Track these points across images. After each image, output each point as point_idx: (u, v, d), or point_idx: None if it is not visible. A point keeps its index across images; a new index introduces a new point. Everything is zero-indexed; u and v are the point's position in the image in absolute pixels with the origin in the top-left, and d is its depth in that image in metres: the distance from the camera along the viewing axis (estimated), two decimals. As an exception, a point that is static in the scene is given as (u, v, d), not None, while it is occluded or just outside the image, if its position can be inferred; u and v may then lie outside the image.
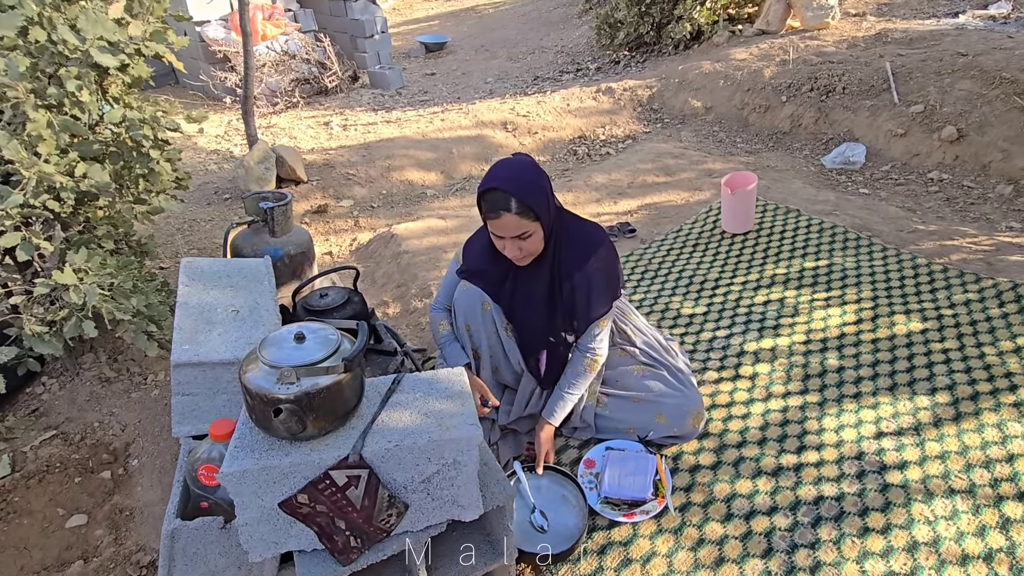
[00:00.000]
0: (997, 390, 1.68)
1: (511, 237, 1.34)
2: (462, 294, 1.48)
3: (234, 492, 0.91)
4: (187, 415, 1.16)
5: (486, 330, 1.48)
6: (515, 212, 1.30)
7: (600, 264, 1.44)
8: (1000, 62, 3.35)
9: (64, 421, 1.75)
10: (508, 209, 1.30)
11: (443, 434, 0.98)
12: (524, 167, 1.35)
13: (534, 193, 1.31)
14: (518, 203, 1.30)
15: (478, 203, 1.36)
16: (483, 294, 1.47)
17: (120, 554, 1.40)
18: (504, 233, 1.34)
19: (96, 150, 1.46)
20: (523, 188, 1.30)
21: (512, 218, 1.31)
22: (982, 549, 1.28)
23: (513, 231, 1.33)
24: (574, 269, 1.44)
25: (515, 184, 1.30)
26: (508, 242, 1.36)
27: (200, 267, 1.36)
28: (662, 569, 1.33)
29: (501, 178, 1.31)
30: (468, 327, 1.49)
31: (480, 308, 1.47)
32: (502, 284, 1.48)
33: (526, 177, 1.32)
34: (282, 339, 0.94)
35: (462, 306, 1.48)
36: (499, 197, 1.30)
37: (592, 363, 1.52)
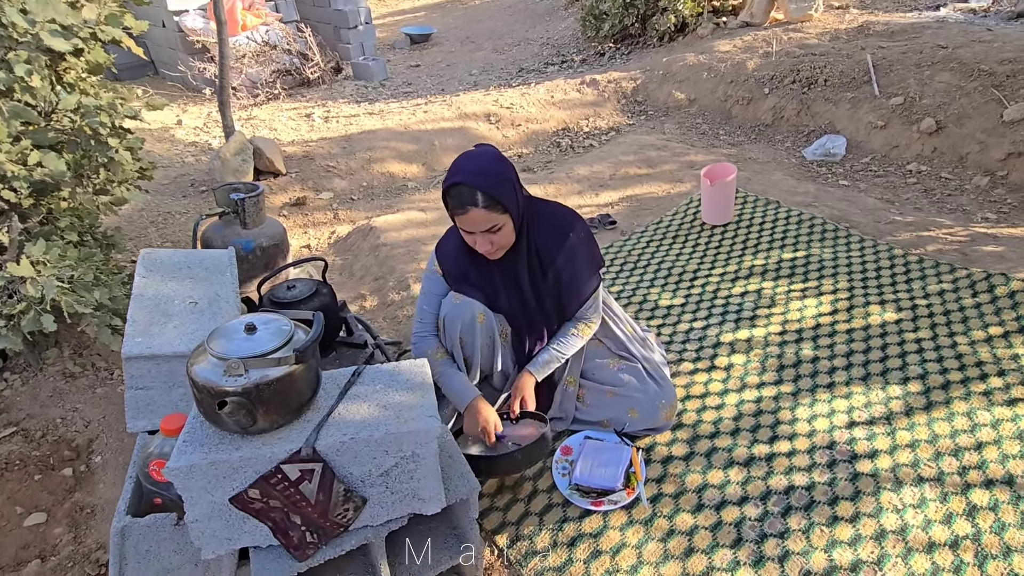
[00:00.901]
0: (968, 379, 1.69)
1: (481, 232, 1.31)
2: (455, 308, 1.42)
3: (182, 487, 0.88)
4: (142, 410, 1.13)
5: (481, 341, 1.45)
6: (482, 206, 1.27)
7: (578, 240, 1.42)
8: (979, 55, 3.36)
9: (25, 417, 1.71)
10: (475, 204, 1.27)
11: (401, 427, 0.96)
12: (489, 159, 1.32)
13: (500, 185, 1.28)
14: (484, 196, 1.26)
15: (444, 200, 1.32)
16: (479, 306, 1.41)
17: (79, 552, 1.36)
18: (473, 228, 1.31)
19: (51, 138, 1.41)
20: (489, 181, 1.27)
21: (480, 212, 1.27)
22: (948, 537, 1.29)
23: (482, 225, 1.30)
24: (554, 252, 1.41)
25: (480, 177, 1.27)
26: (478, 237, 1.33)
27: (159, 258, 1.32)
28: (631, 560, 1.32)
29: (466, 171, 1.28)
30: (463, 340, 1.46)
31: (476, 322, 1.43)
32: (491, 283, 1.44)
33: (491, 169, 1.29)
34: (232, 330, 0.92)
35: (456, 320, 1.43)
36: (465, 192, 1.27)
37: (584, 328, 1.52)
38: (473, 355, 1.45)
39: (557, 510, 1.45)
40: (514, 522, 1.45)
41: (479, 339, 1.42)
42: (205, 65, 5.19)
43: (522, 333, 1.50)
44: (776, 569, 1.27)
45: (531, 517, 1.45)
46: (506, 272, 1.43)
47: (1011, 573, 1.21)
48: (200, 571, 1.06)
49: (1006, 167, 2.93)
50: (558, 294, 1.47)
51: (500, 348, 1.48)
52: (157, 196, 3.44)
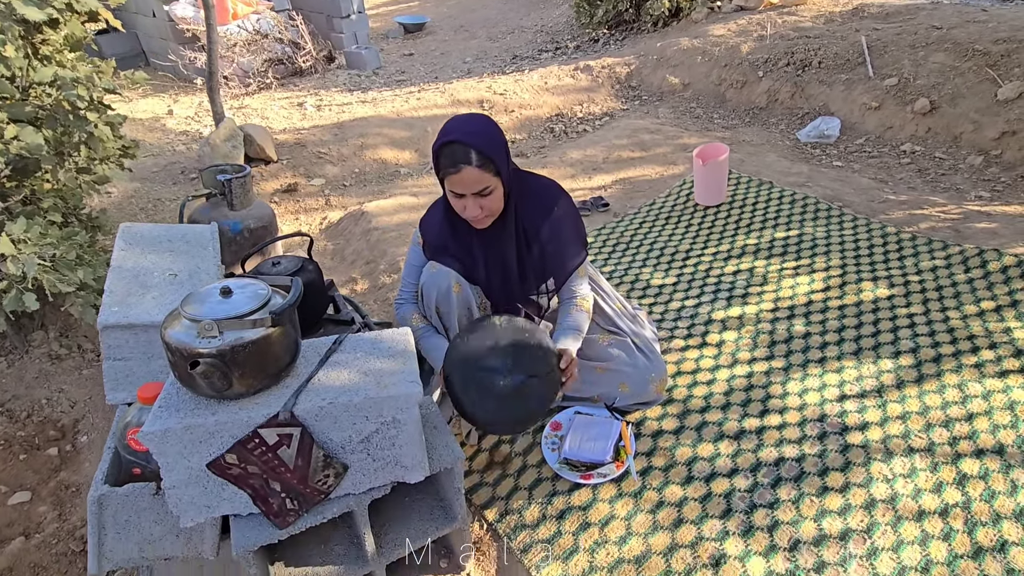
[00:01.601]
0: (959, 352, 1.68)
1: (472, 194, 1.29)
2: (431, 277, 1.41)
3: (157, 452, 0.87)
4: (120, 381, 1.11)
5: (457, 312, 1.43)
6: (476, 165, 1.25)
7: (564, 213, 1.41)
8: (973, 35, 3.34)
9: (11, 399, 1.69)
10: (468, 162, 1.24)
11: (381, 391, 0.94)
12: (481, 121, 1.30)
13: (494, 145, 1.27)
14: (479, 155, 1.24)
15: (435, 161, 1.30)
16: (454, 275, 1.40)
17: (63, 530, 1.35)
18: (464, 189, 1.28)
19: (28, 112, 1.39)
20: (483, 140, 1.25)
21: (473, 171, 1.25)
22: (938, 505, 1.28)
23: (474, 186, 1.27)
24: (540, 224, 1.39)
25: (475, 136, 1.25)
26: (469, 200, 1.30)
27: (139, 232, 1.30)
28: (620, 531, 1.31)
29: (460, 131, 1.26)
30: (439, 309, 1.44)
31: (452, 292, 1.40)
32: (470, 254, 1.42)
33: (485, 130, 1.28)
34: (207, 294, 0.90)
35: (432, 289, 1.41)
36: (458, 150, 1.25)
37: (581, 302, 1.47)
38: (451, 326, 1.43)
39: (546, 484, 1.44)
40: (503, 496, 1.44)
41: (455, 309, 1.40)
42: (196, 54, 5.15)
43: (499, 309, 1.48)
44: (765, 539, 1.26)
45: (520, 491, 1.44)
46: (489, 244, 1.41)
47: (1000, 539, 1.20)
48: (181, 542, 1.05)
49: (1000, 146, 2.91)
50: (543, 269, 1.45)
51: None
52: (147, 183, 3.41)
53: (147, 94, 5.12)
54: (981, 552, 1.18)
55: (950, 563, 1.18)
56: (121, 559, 1.02)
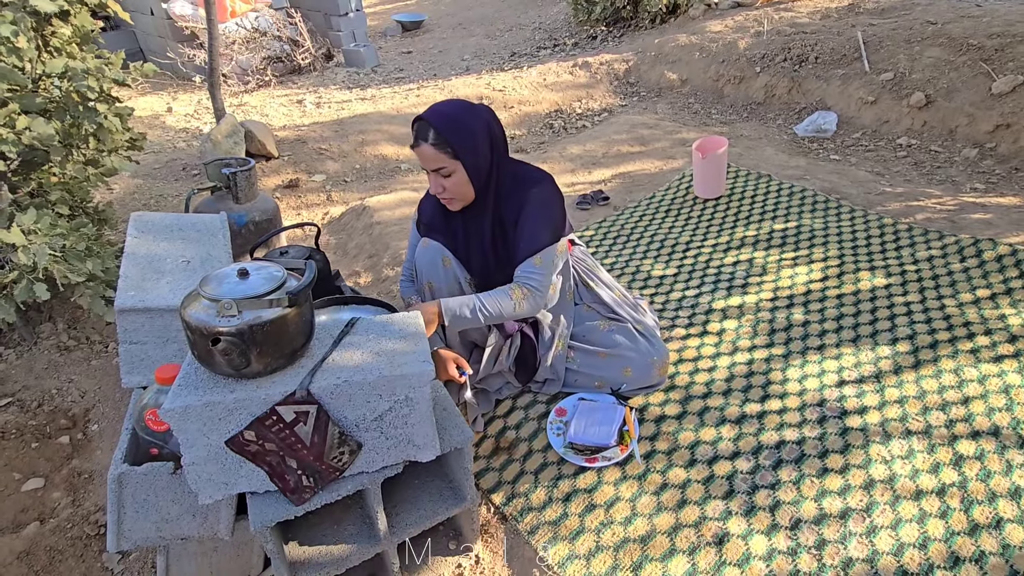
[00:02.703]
0: (956, 338, 1.71)
1: (432, 171, 1.35)
2: (423, 252, 1.47)
3: (178, 429, 0.89)
4: (136, 365, 1.14)
5: (448, 286, 1.46)
6: (431, 143, 1.31)
7: (538, 195, 1.39)
8: (968, 29, 3.38)
9: (21, 389, 1.71)
10: (425, 139, 1.32)
11: (394, 370, 0.97)
12: (462, 107, 1.35)
13: (457, 131, 1.30)
14: (436, 134, 1.30)
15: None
16: (442, 250, 1.45)
17: (78, 515, 1.37)
18: (424, 164, 1.36)
19: (39, 104, 1.41)
20: (446, 123, 1.30)
21: (428, 149, 1.32)
22: (935, 485, 1.31)
23: (431, 163, 1.34)
24: (515, 208, 1.42)
25: (439, 117, 1.31)
26: (431, 176, 1.37)
27: (150, 220, 1.32)
28: (625, 512, 1.34)
29: (432, 110, 1.33)
30: (430, 284, 1.47)
31: (441, 264, 1.45)
32: (455, 234, 1.47)
33: (455, 114, 1.32)
34: (225, 275, 0.92)
35: (423, 263, 1.47)
36: (420, 127, 1.33)
37: (519, 291, 1.38)
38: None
39: (552, 468, 1.47)
40: (510, 481, 1.47)
41: (444, 283, 1.45)
42: (194, 52, 5.16)
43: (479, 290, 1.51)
44: (767, 518, 1.29)
45: (526, 475, 1.47)
46: (469, 226, 1.46)
47: (996, 517, 1.23)
48: (198, 522, 1.07)
49: (995, 138, 2.95)
50: (513, 252, 1.44)
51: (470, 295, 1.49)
52: (149, 180, 3.42)
53: (146, 92, 5.13)
54: (977, 529, 1.21)
55: (947, 540, 1.21)
56: (139, 538, 1.04)
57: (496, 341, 1.58)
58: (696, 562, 1.23)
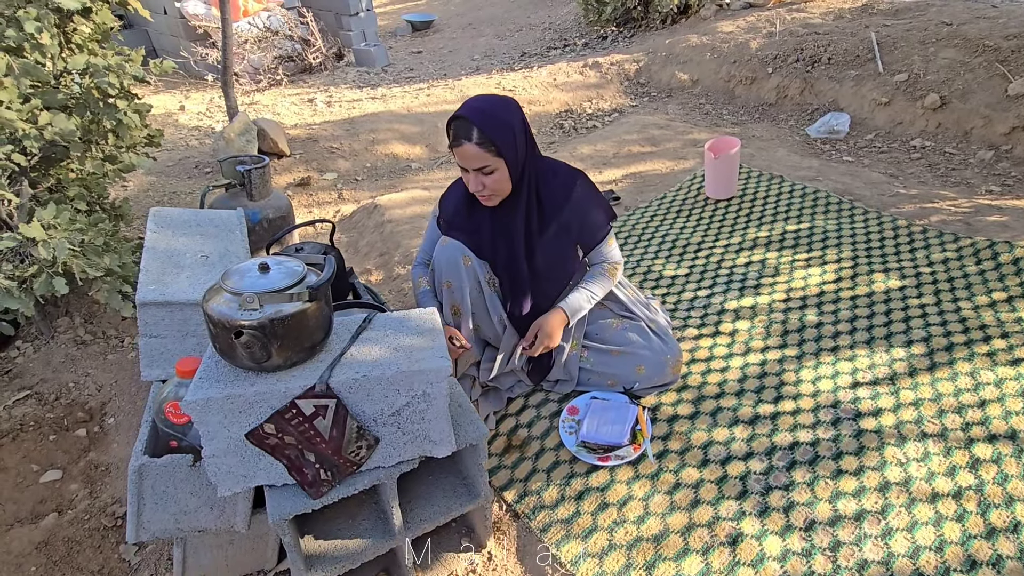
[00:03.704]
0: (971, 341, 1.69)
1: (473, 170, 1.34)
2: (442, 251, 1.46)
3: (199, 421, 0.90)
4: (156, 358, 1.15)
5: (468, 285, 1.46)
6: (475, 142, 1.30)
7: (583, 191, 1.47)
8: (984, 31, 3.35)
9: (38, 382, 1.73)
10: (469, 139, 1.30)
11: (412, 366, 0.97)
12: (496, 102, 1.34)
13: (498, 127, 1.30)
14: (479, 133, 1.29)
15: (447, 134, 1.37)
16: (463, 248, 1.44)
17: (95, 506, 1.39)
18: (466, 164, 1.34)
19: (61, 100, 1.42)
20: (487, 120, 1.30)
21: (472, 148, 1.30)
22: (951, 487, 1.30)
23: (474, 162, 1.33)
24: (561, 203, 1.44)
25: (480, 115, 1.30)
26: (472, 176, 1.36)
27: (169, 215, 1.33)
28: (638, 511, 1.34)
29: (469, 108, 1.32)
30: (449, 283, 1.47)
31: (461, 263, 1.45)
32: (479, 231, 1.46)
33: (493, 110, 1.32)
34: (246, 269, 0.93)
35: (442, 262, 1.46)
36: (462, 126, 1.31)
37: (612, 269, 1.55)
38: (463, 301, 1.46)
39: (564, 466, 1.47)
40: (522, 479, 1.47)
41: (466, 283, 1.44)
42: (207, 51, 5.20)
43: (504, 287, 1.51)
44: (781, 519, 1.29)
45: (539, 474, 1.47)
46: (498, 222, 1.46)
47: (1014, 521, 1.22)
48: (215, 514, 1.08)
49: (1011, 140, 2.92)
50: (554, 250, 1.48)
51: (490, 297, 1.49)
52: (162, 177, 3.45)
53: (159, 90, 5.17)
54: (995, 533, 1.20)
55: (964, 543, 1.20)
56: (158, 529, 1.05)
57: (510, 340, 1.58)
58: (710, 562, 1.22)
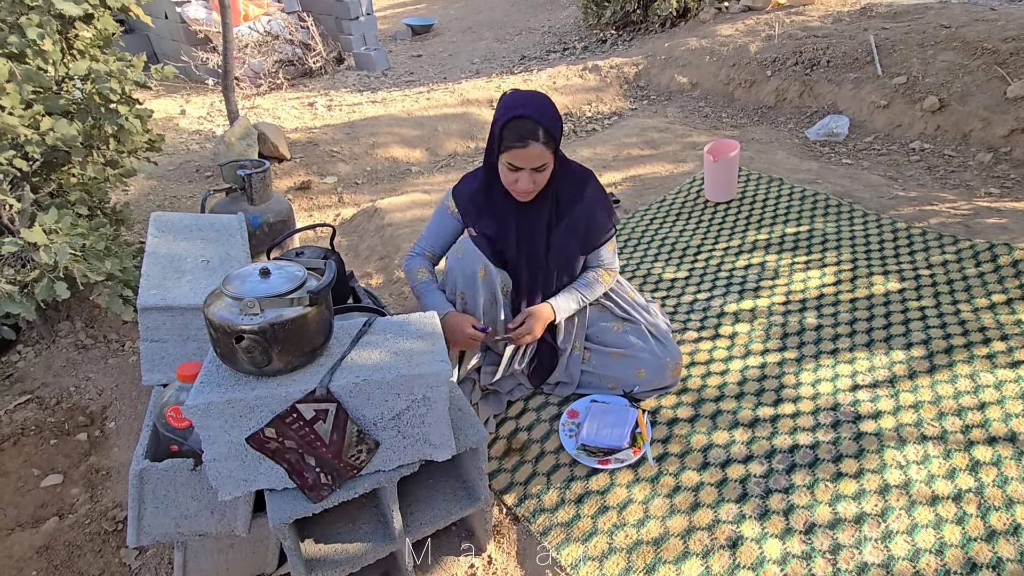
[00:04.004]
0: (971, 343, 1.70)
1: (530, 169, 1.31)
2: (458, 262, 1.44)
3: (200, 425, 0.90)
4: (157, 363, 1.15)
5: (483, 297, 1.46)
6: (542, 141, 1.28)
7: (595, 191, 1.49)
8: (982, 33, 3.36)
9: (40, 386, 1.73)
10: (536, 138, 1.27)
11: (412, 369, 0.98)
12: (541, 98, 1.33)
13: (554, 123, 1.31)
14: (545, 132, 1.28)
15: (499, 134, 1.31)
16: (481, 258, 1.42)
17: (96, 511, 1.39)
18: (526, 164, 1.30)
19: (62, 105, 1.43)
20: (548, 117, 1.29)
21: (539, 148, 1.28)
22: (951, 490, 1.30)
23: (535, 161, 1.30)
24: (574, 201, 1.45)
25: (541, 113, 1.28)
26: (524, 175, 1.32)
27: (170, 220, 1.34)
28: (638, 515, 1.34)
29: (528, 106, 1.28)
30: (464, 295, 1.47)
31: (478, 276, 1.43)
32: (503, 224, 1.45)
33: (549, 107, 1.32)
34: (247, 274, 0.94)
35: (458, 274, 1.44)
36: (528, 125, 1.27)
37: (604, 274, 1.56)
38: (475, 311, 1.47)
39: (564, 470, 1.47)
40: (522, 482, 1.47)
41: (480, 295, 1.44)
42: (208, 55, 5.22)
43: (520, 285, 1.52)
44: (781, 522, 1.29)
45: (539, 477, 1.47)
46: (524, 216, 1.45)
47: (1014, 523, 1.22)
48: (216, 518, 1.09)
49: (1010, 143, 2.93)
50: (565, 245, 1.49)
51: (502, 305, 1.50)
52: (163, 181, 3.46)
53: (160, 94, 5.19)
54: (995, 535, 1.21)
55: (964, 546, 1.20)
56: (159, 533, 1.05)
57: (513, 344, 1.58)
58: (710, 565, 1.22)
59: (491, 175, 1.41)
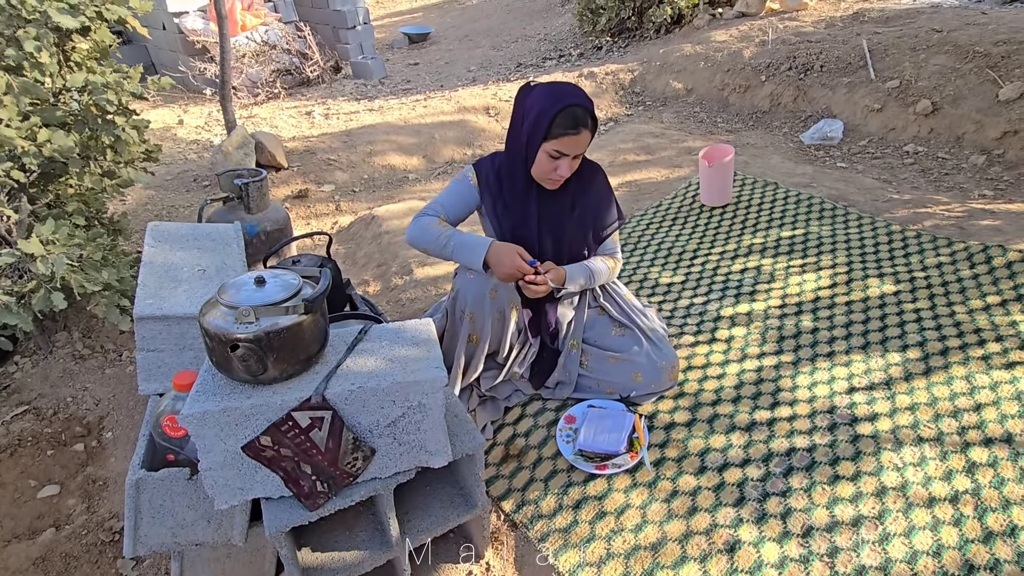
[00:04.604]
0: (966, 345, 1.70)
1: (573, 156, 1.36)
2: (468, 284, 1.44)
3: (196, 435, 0.90)
4: (153, 372, 1.15)
5: (491, 317, 1.47)
6: (590, 129, 1.33)
7: (603, 183, 1.55)
8: (974, 37, 3.39)
9: (36, 397, 1.73)
10: (586, 125, 1.32)
11: (407, 376, 0.98)
12: (576, 87, 1.37)
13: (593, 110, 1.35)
14: (592, 120, 1.33)
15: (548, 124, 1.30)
16: (490, 280, 1.42)
17: (93, 521, 1.39)
18: (574, 150, 1.34)
19: (59, 117, 1.44)
20: (591, 103, 1.34)
21: (587, 135, 1.34)
22: (948, 492, 1.31)
23: (582, 148, 1.35)
24: (585, 188, 1.50)
25: (585, 99, 1.33)
26: (565, 161, 1.36)
27: (166, 230, 1.35)
28: (636, 520, 1.34)
29: (573, 95, 1.32)
30: (472, 315, 1.47)
31: (487, 297, 1.44)
32: (525, 210, 1.47)
33: (585, 93, 1.36)
34: (242, 283, 0.94)
35: (469, 296, 1.45)
36: (579, 113, 1.30)
37: (610, 261, 1.62)
38: (483, 330, 1.48)
39: (562, 475, 1.47)
40: (520, 488, 1.47)
41: (488, 314, 1.46)
42: (205, 65, 5.24)
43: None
44: (779, 525, 1.29)
45: (536, 483, 1.47)
46: (545, 203, 1.48)
47: (1010, 524, 1.22)
48: (212, 528, 1.08)
49: (1002, 145, 2.95)
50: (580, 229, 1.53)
51: (509, 322, 1.51)
52: (161, 191, 3.47)
53: (158, 104, 5.21)
54: (992, 537, 1.21)
55: (961, 547, 1.20)
56: (155, 543, 1.05)
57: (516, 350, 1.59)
58: (708, 569, 1.22)
59: (515, 164, 1.42)
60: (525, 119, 1.36)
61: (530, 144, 1.37)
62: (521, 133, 1.38)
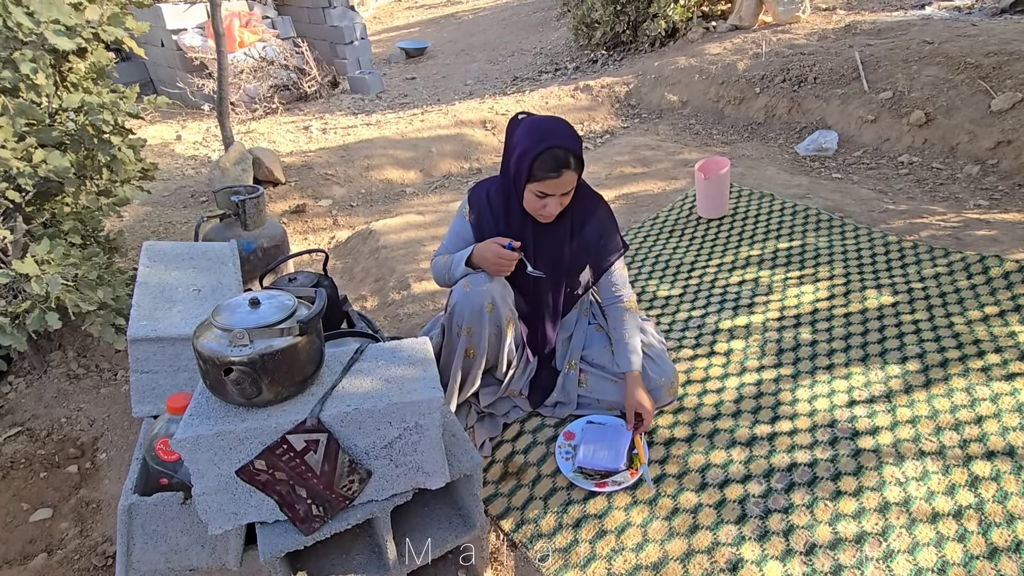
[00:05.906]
0: (966, 356, 1.70)
1: (560, 195, 1.33)
2: (464, 296, 1.42)
3: (189, 459, 0.89)
4: (147, 394, 1.14)
5: (488, 331, 1.46)
6: (574, 169, 1.30)
7: (606, 214, 1.52)
8: (965, 48, 3.42)
9: (30, 418, 1.71)
10: (568, 166, 1.28)
11: (404, 397, 0.97)
12: (563, 122, 1.33)
13: (580, 145, 1.32)
14: (576, 160, 1.29)
15: (529, 167, 1.29)
16: (485, 294, 1.41)
17: (85, 545, 1.37)
18: (557, 191, 1.31)
19: (55, 137, 1.44)
20: (575, 142, 1.30)
21: (571, 175, 1.30)
22: (952, 507, 1.29)
23: (566, 187, 1.32)
24: (586, 220, 1.47)
25: (572, 141, 1.29)
26: (553, 200, 1.33)
27: (162, 250, 1.34)
28: (637, 539, 1.32)
29: (558, 136, 1.28)
30: (469, 330, 1.45)
31: (485, 311, 1.43)
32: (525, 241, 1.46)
33: (571, 130, 1.32)
34: (236, 305, 0.93)
35: (464, 310, 1.43)
36: (561, 154, 1.27)
37: (628, 303, 1.57)
38: (479, 344, 1.47)
39: (561, 493, 1.45)
40: (519, 507, 1.45)
41: (486, 329, 1.44)
42: (203, 81, 5.27)
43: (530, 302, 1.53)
44: (781, 543, 1.27)
45: (536, 501, 1.45)
46: (541, 235, 1.46)
47: (1015, 539, 1.21)
48: (207, 552, 1.07)
49: (996, 155, 2.97)
50: (579, 262, 1.51)
51: (506, 336, 1.50)
52: (158, 207, 3.47)
53: (156, 120, 5.23)
54: (997, 552, 1.19)
55: (966, 564, 1.18)
56: (148, 569, 1.03)
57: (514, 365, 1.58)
58: (710, 589, 1.20)
59: (510, 192, 1.42)
60: (512, 155, 1.36)
61: (516, 183, 1.37)
62: (510, 167, 1.38)
